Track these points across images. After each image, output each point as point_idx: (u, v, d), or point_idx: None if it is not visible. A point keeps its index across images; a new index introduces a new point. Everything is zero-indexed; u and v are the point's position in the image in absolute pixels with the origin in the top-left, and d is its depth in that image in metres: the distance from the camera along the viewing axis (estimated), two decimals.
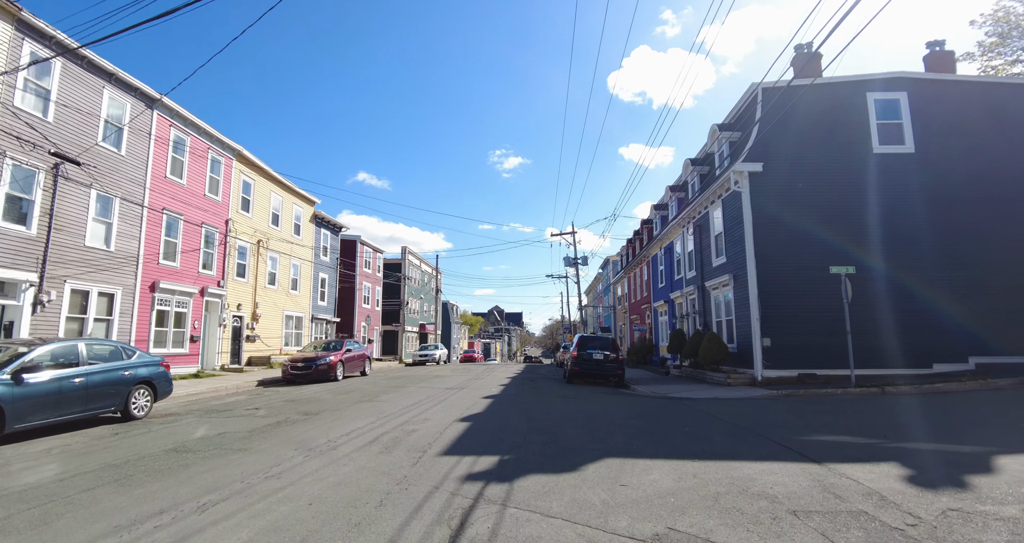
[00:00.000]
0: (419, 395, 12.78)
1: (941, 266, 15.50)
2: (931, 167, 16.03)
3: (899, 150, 16.20)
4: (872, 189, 15.95)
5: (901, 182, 15.97)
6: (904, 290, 15.35)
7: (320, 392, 13.97)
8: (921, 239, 15.66)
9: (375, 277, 38.90)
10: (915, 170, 16.03)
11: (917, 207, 15.83)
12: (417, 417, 9.15)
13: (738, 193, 16.29)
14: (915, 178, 15.98)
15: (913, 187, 15.92)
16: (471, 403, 11.10)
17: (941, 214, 15.77)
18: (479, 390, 14.27)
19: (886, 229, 15.72)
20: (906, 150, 16.19)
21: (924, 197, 15.86)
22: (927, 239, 15.67)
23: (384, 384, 16.40)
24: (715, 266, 18.70)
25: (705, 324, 19.69)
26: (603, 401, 11.99)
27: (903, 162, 16.11)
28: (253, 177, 23.45)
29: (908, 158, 16.15)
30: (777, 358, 15.20)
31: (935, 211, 15.78)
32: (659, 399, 12.64)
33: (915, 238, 15.66)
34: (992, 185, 15.90)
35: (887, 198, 15.88)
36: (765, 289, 15.51)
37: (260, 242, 23.69)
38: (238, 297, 22.12)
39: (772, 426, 8.16)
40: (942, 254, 15.57)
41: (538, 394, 13.33)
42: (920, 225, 15.73)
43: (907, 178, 15.99)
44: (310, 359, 17.66)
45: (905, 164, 16.09)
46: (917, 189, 15.91)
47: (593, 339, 17.36)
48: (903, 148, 16.21)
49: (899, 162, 16.11)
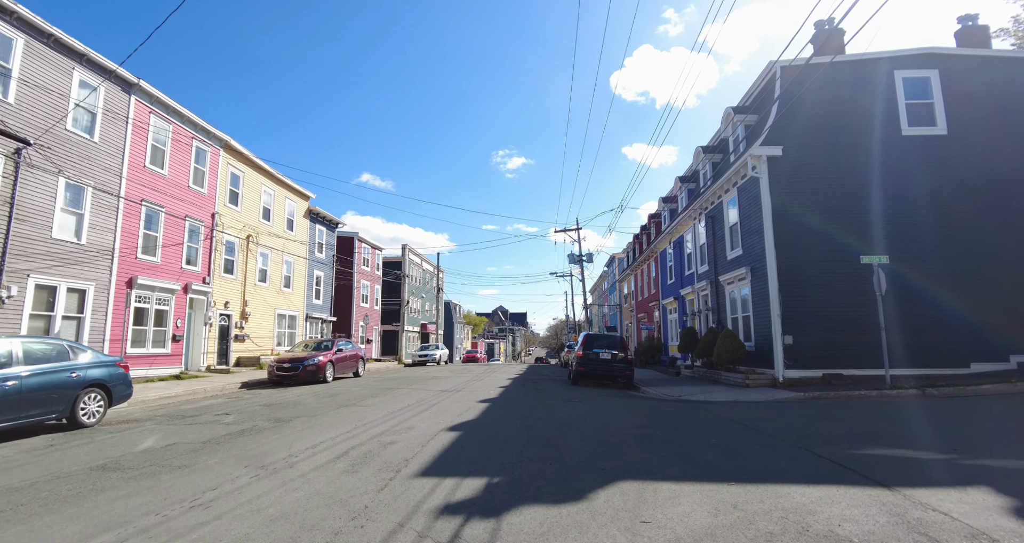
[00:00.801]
0: (409, 399, 11.66)
1: (977, 256, 14.26)
2: (966, 150, 14.78)
3: (930, 132, 14.95)
4: (901, 174, 14.71)
5: (933, 166, 14.73)
6: (937, 283, 14.10)
7: (304, 395, 12.88)
8: (956, 227, 14.42)
9: (374, 275, 37.84)
10: (948, 153, 14.79)
11: (950, 193, 14.59)
12: (400, 425, 8.02)
13: (755, 179, 15.10)
14: (948, 162, 14.74)
15: (946, 171, 14.68)
16: (464, 408, 9.97)
17: (977, 200, 14.52)
18: (476, 393, 13.14)
19: (917, 217, 14.49)
20: (938, 132, 14.95)
21: (958, 182, 14.62)
22: (962, 228, 14.42)
23: (375, 386, 15.30)
24: (730, 259, 17.50)
25: (719, 321, 18.49)
26: (611, 405, 10.83)
27: (935, 144, 14.87)
28: (242, 169, 22.41)
29: (940, 140, 14.91)
30: (799, 357, 14.00)
31: (970, 197, 14.53)
32: (673, 403, 11.47)
33: (949, 226, 14.42)
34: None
35: (917, 183, 14.65)
36: (786, 283, 14.30)
37: (250, 237, 22.65)
38: (226, 294, 21.08)
39: (812, 436, 6.98)
40: (978, 244, 14.32)
41: (540, 397, 12.18)
42: (954, 212, 14.49)
43: (939, 162, 14.75)
44: (298, 360, 16.57)
45: (937, 147, 14.85)
46: (950, 173, 14.67)
47: (600, 338, 16.19)
48: (935, 130, 14.97)
49: (931, 145, 14.87)
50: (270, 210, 24.54)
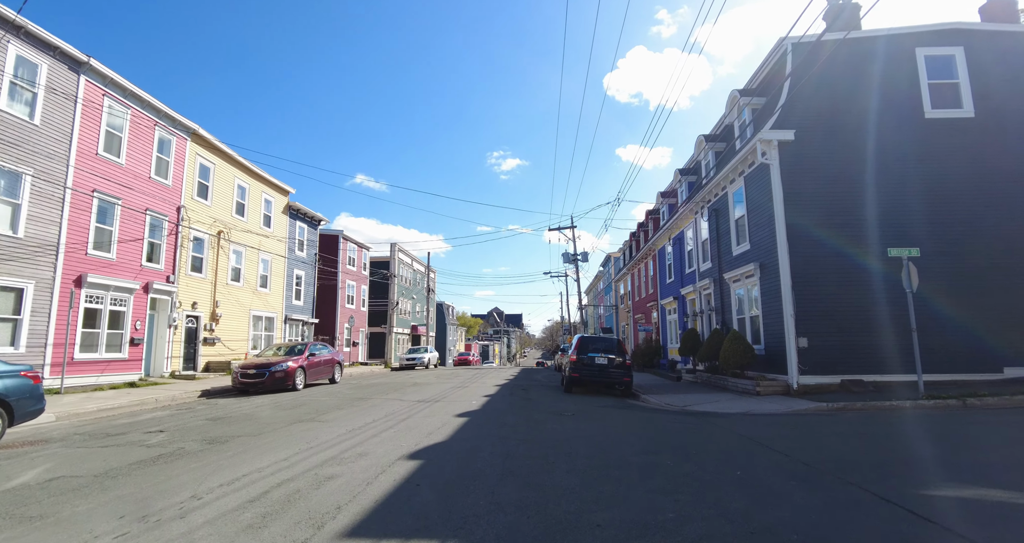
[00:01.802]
0: (379, 411, 10.24)
1: (1010, 249, 12.99)
2: (995, 133, 13.52)
3: (956, 114, 13.68)
4: (925, 160, 13.43)
5: (960, 151, 13.46)
6: (965, 279, 12.82)
7: (262, 407, 11.43)
8: (985, 218, 13.14)
9: (360, 275, 36.34)
10: (976, 137, 13.52)
11: (979, 180, 13.33)
12: (353, 449, 6.61)
13: (765, 166, 13.78)
14: (976, 146, 13.47)
15: (974, 157, 13.42)
16: (438, 424, 8.56)
17: (1008, 188, 13.26)
18: (457, 403, 11.73)
19: (943, 206, 13.20)
20: (964, 114, 13.68)
21: (987, 168, 13.36)
22: (992, 218, 13.15)
23: (347, 395, 13.87)
24: (736, 255, 16.17)
25: (723, 322, 17.15)
26: (609, 420, 9.45)
27: (962, 128, 13.60)
28: (212, 160, 20.92)
29: (967, 124, 13.64)
30: (815, 362, 12.67)
31: (1001, 184, 13.27)
32: (679, 415, 10.10)
33: (978, 217, 13.14)
34: None
35: (943, 170, 13.37)
36: (800, 279, 12.98)
37: (221, 233, 21.16)
38: (194, 294, 19.58)
39: (858, 465, 5.62)
40: (1009, 236, 13.05)
41: (527, 409, 10.78)
42: (983, 201, 13.21)
43: (967, 147, 13.48)
44: (264, 365, 15.11)
45: (964, 130, 13.58)
46: (979, 159, 13.40)
47: (595, 340, 14.79)
48: (960, 112, 13.70)
49: (957, 128, 13.60)
50: (244, 205, 23.05)
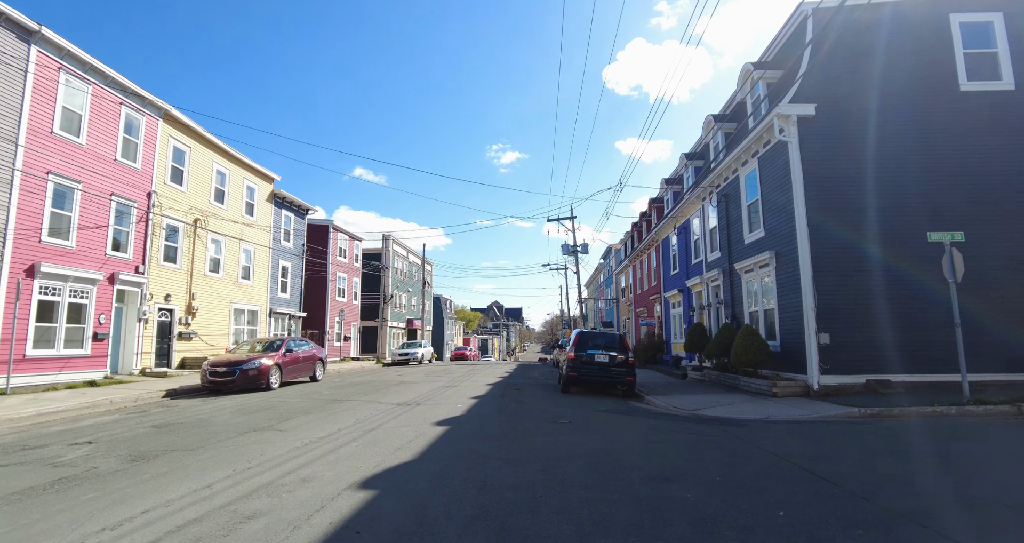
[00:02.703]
0: (349, 417, 9.03)
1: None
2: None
3: (994, 87, 12.38)
4: (962, 137, 12.14)
5: (999, 127, 12.17)
6: (1008, 267, 11.58)
7: (223, 410, 10.23)
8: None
9: (352, 267, 35.08)
10: (1018, 112, 12.22)
11: (1022, 159, 12.04)
12: (298, 472, 5.40)
13: (783, 145, 12.50)
14: (1017, 122, 12.17)
15: (1016, 133, 12.12)
16: (411, 436, 7.34)
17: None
18: (440, 406, 10.53)
19: (981, 187, 11.93)
20: (1004, 86, 12.38)
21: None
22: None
23: (323, 396, 12.67)
24: (748, 243, 14.91)
25: (734, 316, 15.93)
26: (610, 429, 8.24)
27: (1001, 102, 12.30)
28: (188, 143, 19.61)
29: (1006, 97, 12.34)
30: (837, 360, 11.47)
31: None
32: (689, 422, 8.88)
33: (1020, 199, 11.87)
34: None
35: (982, 148, 12.09)
36: (822, 269, 11.75)
37: (198, 221, 19.90)
38: (167, 286, 18.35)
39: (941, 501, 4.39)
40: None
41: (518, 414, 9.57)
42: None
43: (1007, 122, 12.19)
44: (235, 363, 13.90)
45: (1003, 104, 12.28)
46: (1021, 135, 12.11)
47: (595, 336, 13.55)
48: (999, 84, 12.40)
49: (995, 102, 12.30)
50: (224, 192, 21.76)
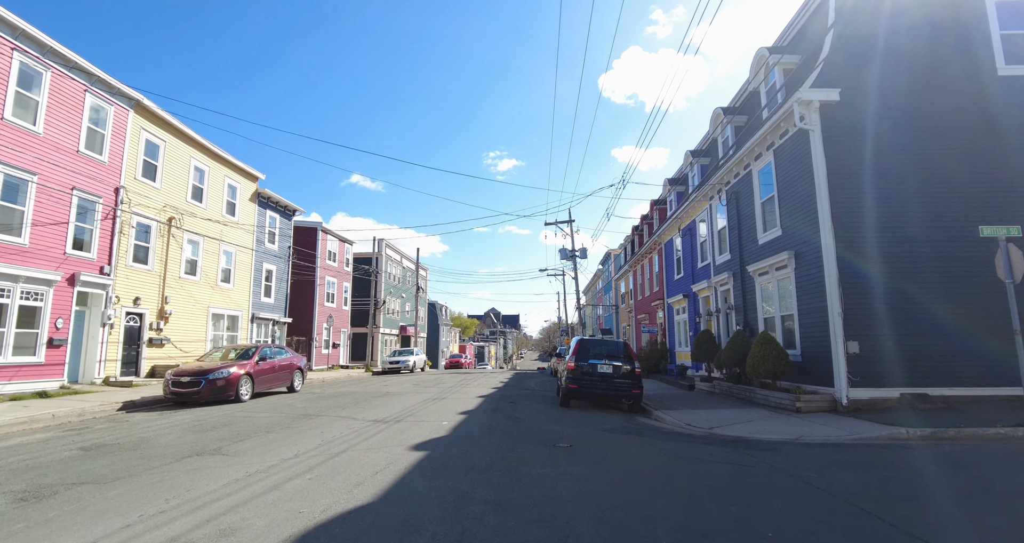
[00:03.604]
0: (314, 438, 7.77)
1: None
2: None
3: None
4: (1003, 124, 11.03)
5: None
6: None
7: (174, 427, 8.94)
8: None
9: (342, 271, 33.81)
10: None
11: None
12: (223, 518, 4.13)
13: (804, 134, 11.37)
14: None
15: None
16: (379, 465, 6.09)
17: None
18: (422, 424, 9.27)
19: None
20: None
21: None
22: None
23: (295, 410, 11.39)
24: (763, 243, 13.74)
25: (746, 323, 14.72)
26: (619, 456, 6.99)
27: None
28: (163, 137, 18.42)
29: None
30: (868, 371, 10.27)
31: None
32: (710, 445, 7.64)
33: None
34: None
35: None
36: (849, 270, 10.58)
37: (172, 220, 18.66)
38: (136, 289, 17.07)
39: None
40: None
41: (509, 435, 8.32)
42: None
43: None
44: (200, 373, 12.61)
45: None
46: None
47: (598, 344, 12.29)
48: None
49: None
50: (203, 189, 20.54)
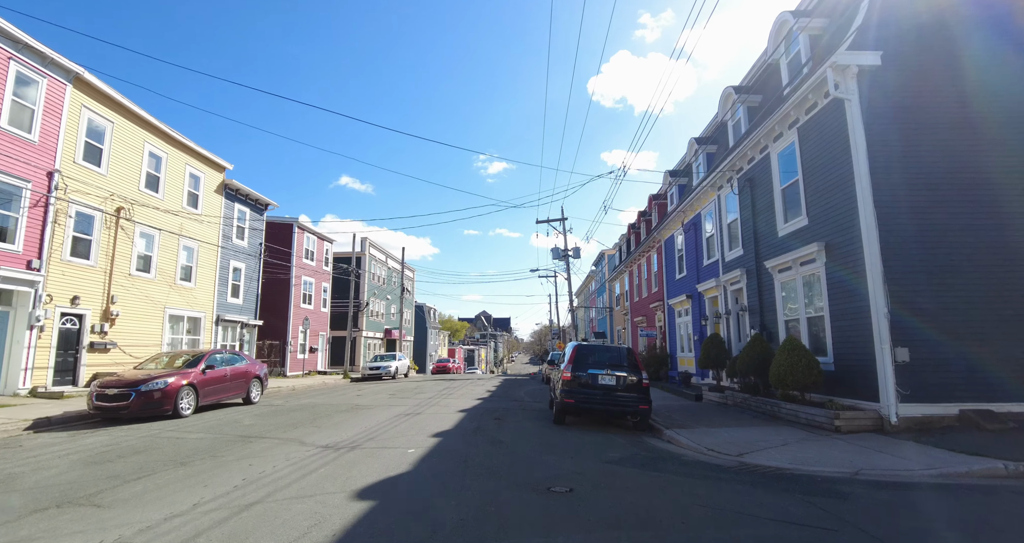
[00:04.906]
0: (235, 476, 5.93)
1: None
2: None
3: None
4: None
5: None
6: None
7: (70, 454, 7.05)
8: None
9: (321, 271, 31.83)
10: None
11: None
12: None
13: (838, 106, 9.73)
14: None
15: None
16: (299, 530, 4.27)
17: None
18: (383, 452, 7.45)
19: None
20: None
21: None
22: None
23: (238, 431, 9.52)
24: (783, 235, 12.08)
25: (763, 325, 13.04)
26: (635, 508, 5.20)
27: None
28: (111, 117, 16.48)
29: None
30: (920, 383, 8.63)
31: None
32: (750, 486, 5.89)
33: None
34: None
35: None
36: (896, 264, 8.94)
37: (121, 210, 16.69)
38: (74, 286, 15.09)
39: None
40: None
41: (492, 470, 6.52)
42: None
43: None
44: (132, 383, 10.69)
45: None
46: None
47: (598, 351, 10.46)
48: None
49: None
50: (159, 178, 18.58)
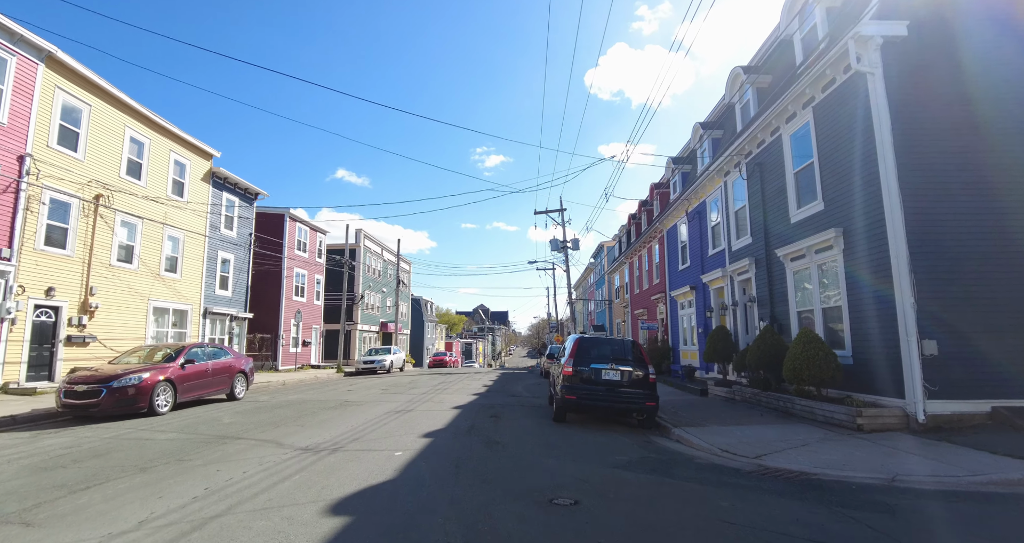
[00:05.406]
0: (198, 485, 5.29)
1: None
2: None
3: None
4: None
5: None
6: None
7: (26, 458, 6.38)
8: None
9: (314, 263, 31.10)
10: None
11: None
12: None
13: (859, 81, 9.05)
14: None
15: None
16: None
17: None
18: (367, 455, 6.80)
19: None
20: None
21: None
22: None
23: (215, 430, 8.87)
24: (797, 221, 11.42)
25: (773, 317, 12.41)
26: (652, 523, 4.57)
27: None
28: (88, 100, 15.68)
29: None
30: (950, 378, 8.02)
31: None
32: (776, 495, 5.26)
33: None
34: None
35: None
36: (922, 250, 8.30)
37: (101, 198, 15.94)
38: (50, 277, 14.38)
39: None
40: None
41: (486, 477, 5.88)
42: None
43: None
44: (104, 379, 10.00)
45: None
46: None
47: (600, 344, 9.77)
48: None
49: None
50: (142, 165, 17.81)
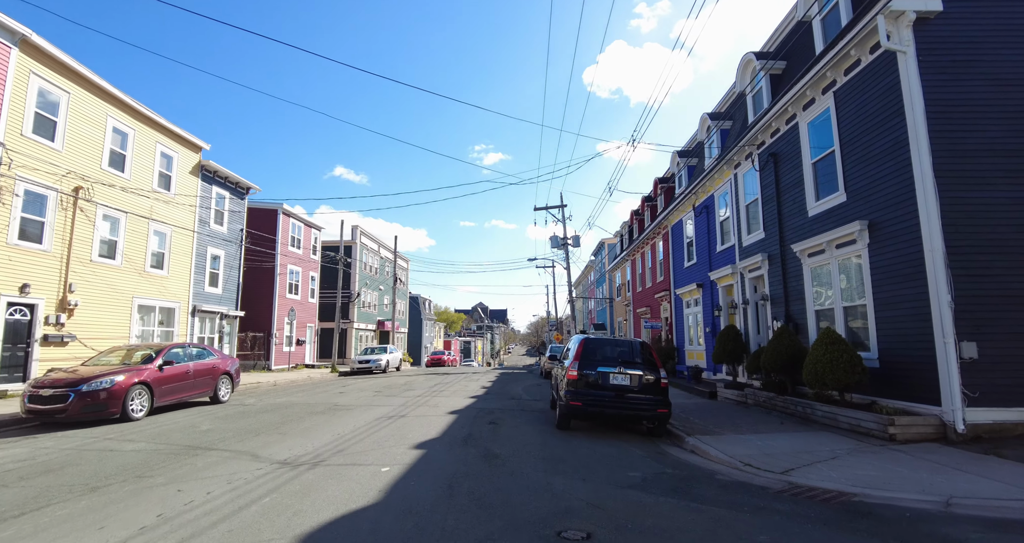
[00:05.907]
0: (148, 512, 4.58)
1: None
2: None
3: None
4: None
5: None
6: None
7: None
8: None
9: (308, 260, 30.35)
10: None
11: None
12: None
13: (888, 60, 8.33)
14: None
15: None
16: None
17: None
18: (351, 470, 6.09)
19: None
20: None
21: None
22: None
23: (188, 439, 8.16)
24: (815, 214, 10.70)
25: (788, 316, 11.71)
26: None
27: None
28: (67, 87, 14.92)
29: None
30: (989, 383, 7.33)
31: None
32: (821, 525, 4.54)
33: None
34: None
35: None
36: (960, 244, 7.60)
37: (80, 190, 15.19)
38: (24, 273, 13.64)
39: None
40: None
41: (483, 500, 5.17)
42: None
43: None
44: (72, 383, 9.29)
45: None
46: None
47: (607, 345, 9.02)
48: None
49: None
50: (125, 156, 17.05)
